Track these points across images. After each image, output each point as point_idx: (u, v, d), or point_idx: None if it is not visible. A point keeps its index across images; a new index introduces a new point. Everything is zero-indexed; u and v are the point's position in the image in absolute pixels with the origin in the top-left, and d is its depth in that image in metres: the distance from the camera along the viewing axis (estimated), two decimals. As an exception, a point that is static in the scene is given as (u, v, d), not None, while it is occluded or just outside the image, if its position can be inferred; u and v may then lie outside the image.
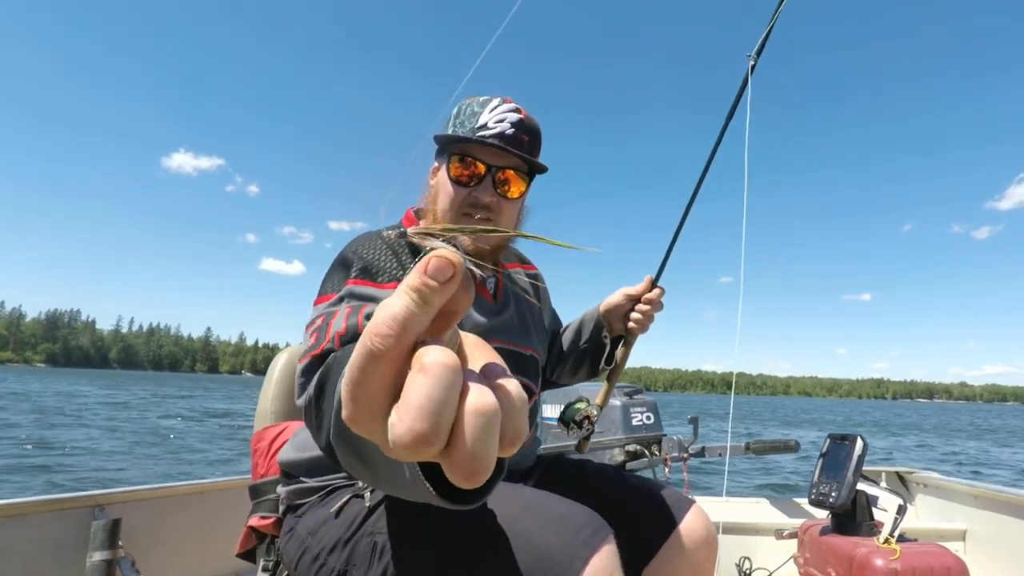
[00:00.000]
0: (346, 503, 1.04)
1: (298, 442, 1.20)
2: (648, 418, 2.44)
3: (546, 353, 1.42)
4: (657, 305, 1.38)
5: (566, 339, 1.46)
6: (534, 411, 1.31)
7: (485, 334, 1.12)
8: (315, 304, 0.99)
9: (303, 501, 1.14)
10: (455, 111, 1.17)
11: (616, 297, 1.40)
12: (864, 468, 1.76)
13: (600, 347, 1.42)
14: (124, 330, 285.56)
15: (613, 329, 1.42)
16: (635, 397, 2.47)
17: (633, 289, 1.39)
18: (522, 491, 0.98)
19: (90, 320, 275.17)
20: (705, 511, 1.23)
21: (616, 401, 2.44)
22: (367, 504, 1.02)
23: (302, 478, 1.15)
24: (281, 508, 1.20)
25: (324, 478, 1.13)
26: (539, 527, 0.87)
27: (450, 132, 1.14)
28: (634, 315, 1.38)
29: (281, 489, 1.20)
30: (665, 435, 2.44)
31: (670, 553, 1.16)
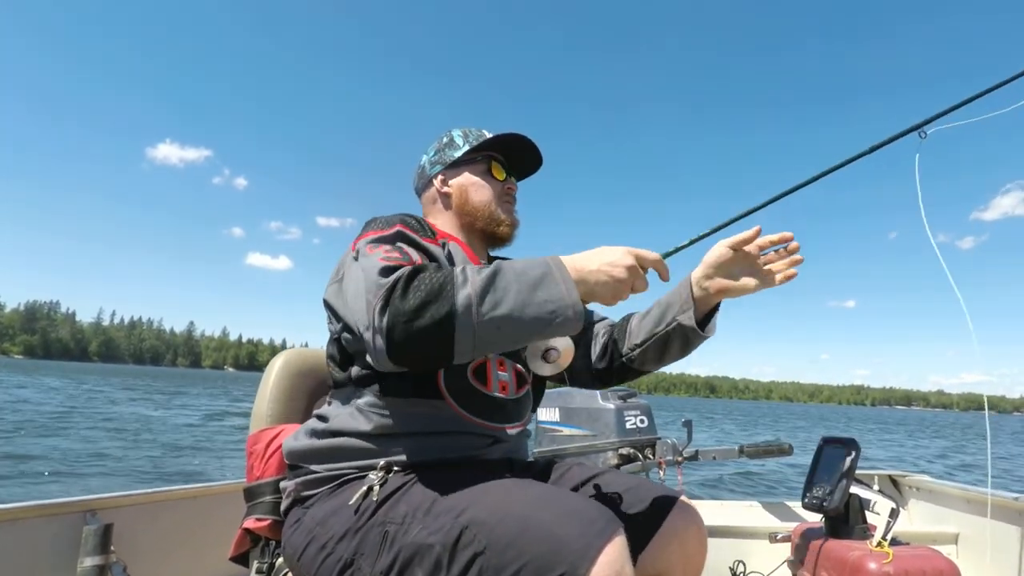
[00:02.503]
0: (361, 494, 1.05)
1: (306, 433, 1.21)
2: (642, 421, 2.44)
3: None
4: (794, 251, 1.22)
5: (647, 325, 1.37)
6: (527, 401, 1.35)
7: None
8: (364, 236, 1.17)
9: (312, 492, 1.15)
10: (459, 135, 1.41)
11: (719, 251, 1.24)
12: (857, 471, 1.77)
13: (679, 328, 1.31)
14: (105, 323, 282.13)
15: (709, 300, 1.29)
16: (629, 400, 2.47)
17: (740, 236, 1.21)
18: (532, 485, 1.00)
19: (70, 312, 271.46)
20: (692, 504, 1.27)
21: (609, 404, 2.44)
22: (375, 498, 1.03)
23: (311, 467, 1.16)
24: (286, 502, 1.20)
25: (334, 466, 1.14)
26: (553, 518, 0.89)
27: (466, 148, 1.38)
28: (773, 264, 1.22)
29: (287, 482, 1.20)
30: (659, 438, 2.44)
31: (660, 545, 1.20)
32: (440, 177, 1.40)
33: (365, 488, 1.05)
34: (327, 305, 1.24)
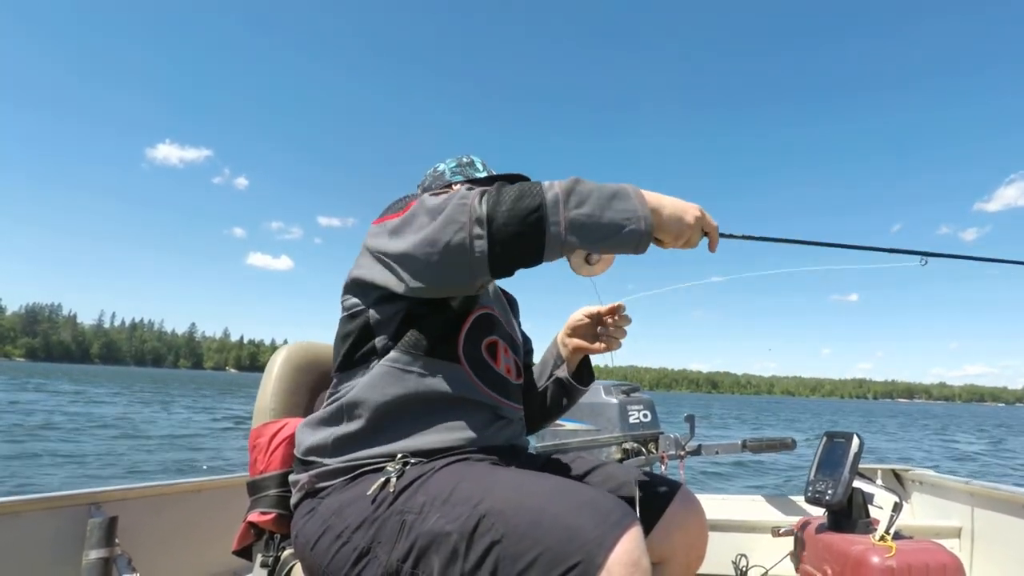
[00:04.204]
0: (379, 484, 1.05)
1: (317, 425, 1.21)
2: (645, 416, 2.44)
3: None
4: (625, 319, 1.43)
5: (535, 378, 1.54)
6: (521, 391, 1.39)
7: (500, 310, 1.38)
8: (410, 206, 1.14)
9: (326, 484, 1.14)
10: (479, 161, 1.55)
11: (576, 316, 1.48)
12: (860, 466, 1.77)
13: (557, 381, 1.51)
14: (106, 325, 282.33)
15: (572, 360, 1.50)
16: (632, 395, 2.46)
17: (593, 309, 1.46)
18: (548, 477, 1.01)
19: (71, 314, 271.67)
20: (692, 492, 1.33)
21: (613, 399, 2.44)
22: (391, 489, 1.04)
23: (326, 460, 1.16)
24: (298, 495, 1.20)
25: (349, 458, 1.14)
26: (569, 509, 0.90)
27: (486, 174, 1.51)
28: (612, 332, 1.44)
29: (299, 476, 1.20)
30: (662, 433, 2.44)
31: (663, 532, 1.24)
32: (459, 187, 1.46)
33: (383, 479, 1.06)
34: (357, 283, 1.23)
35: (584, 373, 1.52)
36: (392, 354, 1.18)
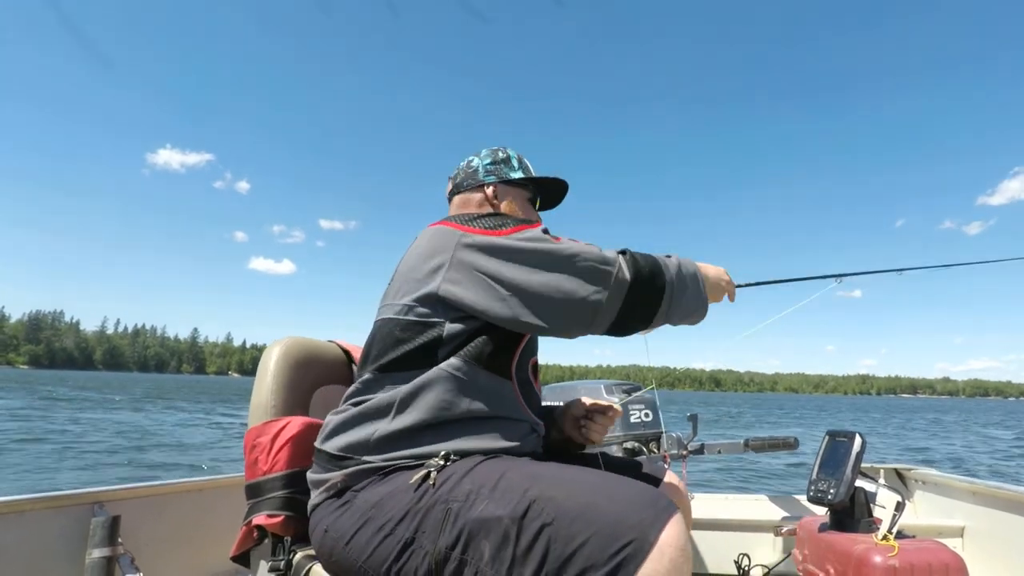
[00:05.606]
0: (421, 476, 1.06)
1: (354, 422, 1.18)
2: (647, 415, 2.43)
3: None
4: (610, 421, 1.53)
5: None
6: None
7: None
8: (501, 232, 1.21)
9: (364, 482, 1.13)
10: (515, 157, 1.54)
11: (576, 405, 1.56)
12: (862, 465, 1.77)
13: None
14: (109, 331, 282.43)
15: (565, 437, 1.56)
16: (634, 395, 2.46)
17: (597, 404, 1.53)
18: (591, 471, 1.05)
19: (74, 321, 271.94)
20: (676, 473, 1.47)
21: (614, 398, 2.44)
22: (432, 482, 1.04)
23: (366, 457, 1.13)
24: (327, 493, 1.15)
25: (392, 455, 1.13)
26: (618, 497, 0.95)
27: (521, 174, 1.53)
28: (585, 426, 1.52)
29: (328, 474, 1.16)
30: (664, 432, 2.43)
31: None
32: (492, 188, 1.51)
33: (424, 472, 1.06)
34: (447, 300, 1.18)
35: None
36: (453, 360, 1.17)
